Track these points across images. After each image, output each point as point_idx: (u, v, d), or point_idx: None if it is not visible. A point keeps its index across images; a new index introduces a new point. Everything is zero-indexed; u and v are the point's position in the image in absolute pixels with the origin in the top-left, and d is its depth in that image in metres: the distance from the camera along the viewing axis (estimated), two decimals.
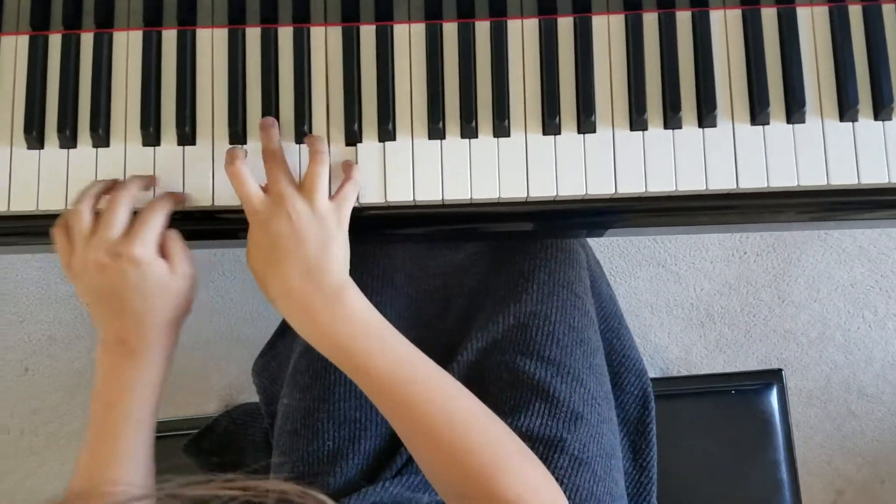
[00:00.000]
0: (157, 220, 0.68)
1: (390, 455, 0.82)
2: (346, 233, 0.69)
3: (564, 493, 0.74)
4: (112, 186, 0.71)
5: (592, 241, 1.37)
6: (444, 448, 0.63)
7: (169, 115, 0.74)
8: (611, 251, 1.50)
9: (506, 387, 0.81)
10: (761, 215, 0.74)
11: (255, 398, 1.01)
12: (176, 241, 0.70)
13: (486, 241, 0.92)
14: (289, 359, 0.92)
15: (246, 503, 0.41)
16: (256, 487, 0.42)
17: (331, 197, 0.69)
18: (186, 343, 1.53)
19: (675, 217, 0.75)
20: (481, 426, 0.64)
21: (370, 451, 0.81)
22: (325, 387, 0.83)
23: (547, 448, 0.77)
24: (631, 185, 0.71)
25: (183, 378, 1.54)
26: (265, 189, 0.69)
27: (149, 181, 0.72)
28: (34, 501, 1.55)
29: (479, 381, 0.84)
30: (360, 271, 0.88)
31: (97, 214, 0.69)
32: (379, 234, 0.79)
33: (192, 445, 0.95)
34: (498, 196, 0.72)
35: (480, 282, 0.91)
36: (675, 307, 1.51)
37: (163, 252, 0.69)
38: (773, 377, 0.98)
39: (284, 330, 1.04)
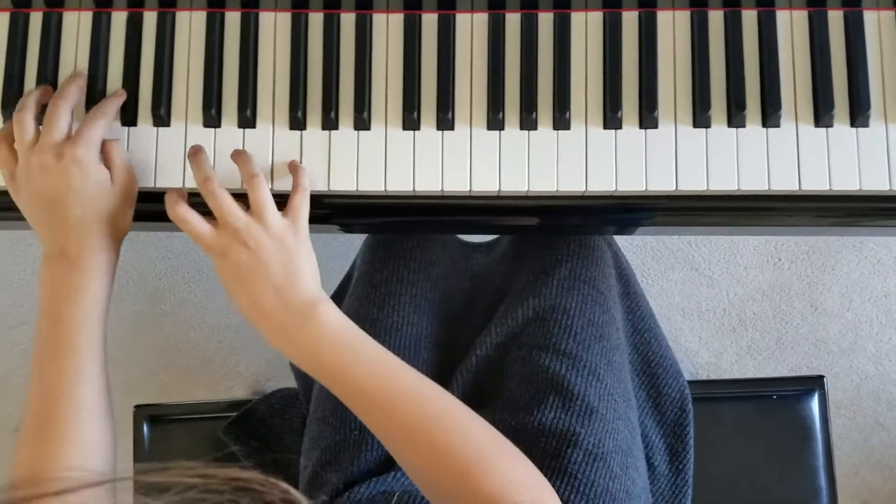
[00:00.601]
0: (99, 123, 0.68)
1: None
2: (309, 245, 0.68)
3: (577, 487, 0.74)
4: (47, 93, 0.71)
5: (624, 243, 1.37)
6: (422, 448, 0.63)
7: (231, 97, 0.74)
8: (643, 253, 1.50)
9: (522, 381, 0.81)
10: (800, 218, 0.74)
11: (281, 385, 1.02)
12: (118, 151, 0.70)
13: (517, 244, 0.92)
14: None
15: (207, 491, 0.41)
16: (216, 475, 0.41)
17: (283, 213, 0.68)
18: (217, 328, 1.54)
19: (729, 217, 0.74)
20: (458, 426, 0.64)
21: None
22: None
23: (560, 442, 0.76)
24: (692, 183, 0.70)
25: (211, 363, 1.54)
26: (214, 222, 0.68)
27: (82, 81, 0.72)
28: None
29: (496, 375, 0.84)
30: (399, 263, 0.88)
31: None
32: (439, 224, 0.78)
33: (231, 428, 0.95)
34: (556, 189, 0.71)
35: (505, 280, 0.91)
36: (706, 312, 1.50)
37: (105, 161, 0.69)
38: (815, 384, 0.98)
39: None
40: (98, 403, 0.67)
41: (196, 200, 0.68)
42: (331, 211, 0.75)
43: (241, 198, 0.68)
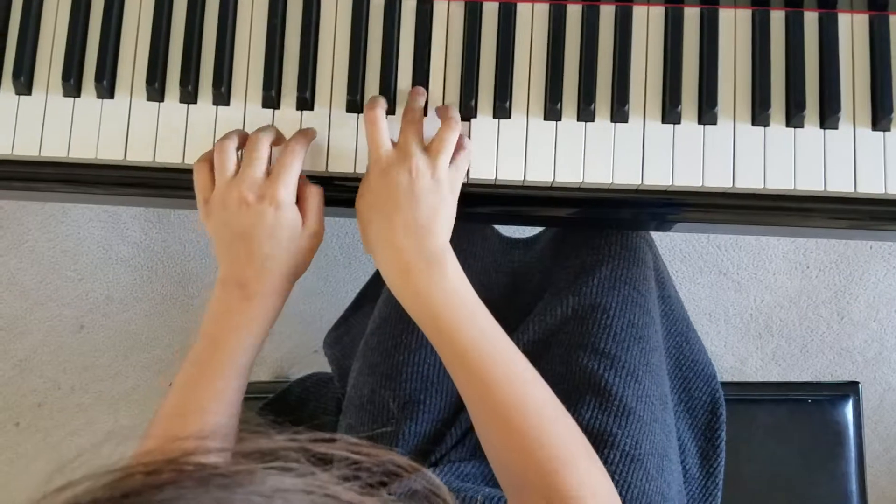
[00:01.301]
0: (297, 165, 0.69)
1: (437, 441, 0.82)
2: (457, 199, 0.69)
3: (615, 488, 0.74)
4: (246, 135, 0.72)
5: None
6: (512, 432, 0.63)
7: (290, 78, 0.74)
8: (672, 255, 1.50)
9: (559, 380, 0.81)
10: (852, 221, 0.74)
11: (304, 372, 1.02)
12: (316, 197, 0.71)
13: (557, 242, 0.93)
14: (361, 334, 0.93)
15: (360, 469, 0.41)
16: (376, 456, 0.42)
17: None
18: None
19: (776, 217, 0.74)
20: (553, 418, 0.64)
21: (429, 432, 0.82)
22: (393, 366, 0.84)
23: (597, 443, 0.76)
24: (749, 180, 0.71)
25: None
26: (394, 144, 0.69)
27: (279, 136, 0.72)
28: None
29: None
30: None
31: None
32: (489, 214, 0.79)
33: (268, 408, 0.96)
34: (611, 182, 0.72)
35: (544, 278, 0.91)
36: (733, 316, 1.50)
37: (299, 204, 0.69)
38: (850, 389, 0.98)
39: (358, 306, 1.05)
40: (227, 432, 0.68)
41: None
42: None
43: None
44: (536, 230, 1.04)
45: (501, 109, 0.73)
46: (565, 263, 0.88)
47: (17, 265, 1.57)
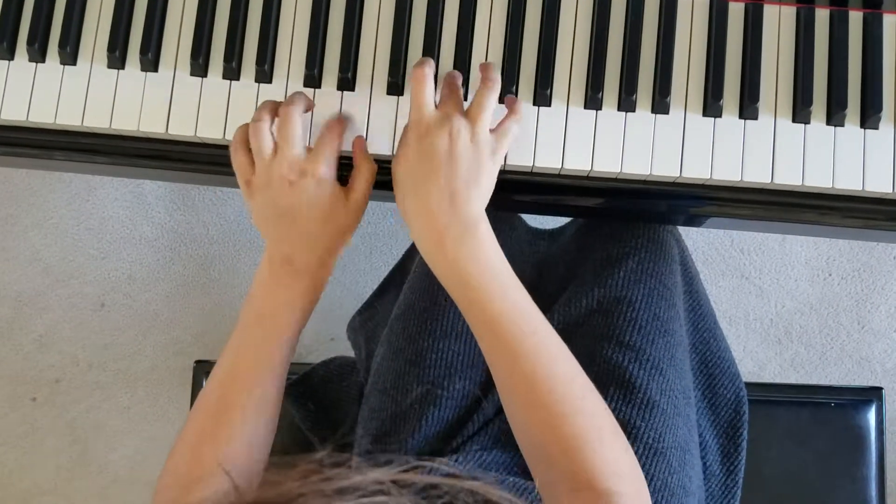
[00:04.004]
0: (336, 142, 0.70)
1: (462, 424, 0.82)
2: (498, 167, 0.68)
3: None
4: (277, 106, 0.72)
5: None
6: (537, 404, 0.63)
7: (332, 58, 0.75)
8: (694, 257, 1.49)
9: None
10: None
11: (321, 357, 1.03)
12: (366, 174, 0.71)
13: (583, 234, 0.92)
14: (386, 319, 0.93)
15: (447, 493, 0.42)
16: (467, 489, 0.42)
17: (491, 129, 0.69)
18: None
19: (819, 216, 0.74)
20: (581, 395, 0.64)
21: (452, 418, 0.82)
22: (418, 352, 0.84)
23: None
24: (787, 177, 0.71)
25: None
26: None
27: (308, 101, 0.73)
28: (97, 436, 1.58)
29: None
30: None
31: None
32: (522, 202, 0.79)
33: (290, 390, 0.96)
34: (649, 173, 0.72)
35: (569, 269, 0.91)
36: (753, 321, 1.50)
37: (349, 177, 0.70)
38: (873, 394, 0.97)
39: (384, 291, 1.05)
40: (274, 404, 0.71)
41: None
42: None
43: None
44: (562, 222, 1.04)
45: (542, 97, 0.73)
46: (591, 255, 0.88)
47: (41, 241, 1.59)
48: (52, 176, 1.58)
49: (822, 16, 0.73)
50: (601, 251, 0.87)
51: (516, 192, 0.77)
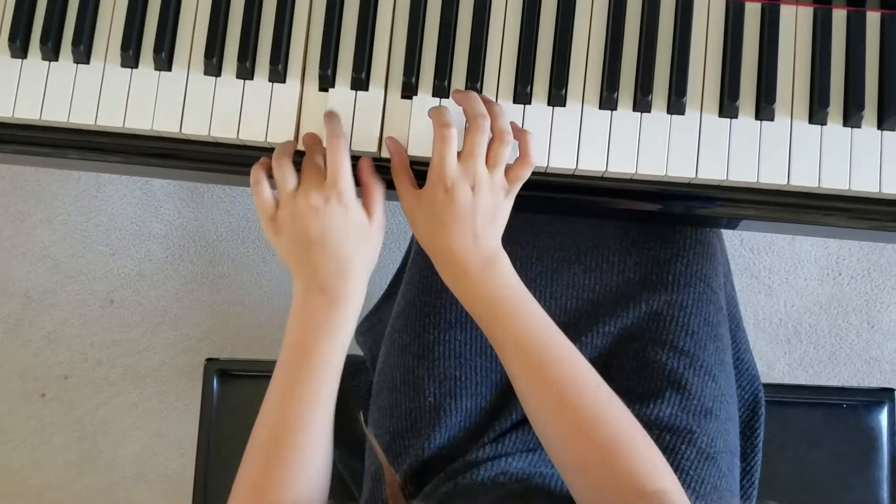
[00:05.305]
0: (346, 160, 0.71)
1: (494, 416, 0.82)
2: (511, 202, 0.72)
3: (689, 483, 0.74)
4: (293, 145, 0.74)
5: None
6: (570, 411, 0.64)
7: (346, 59, 0.74)
8: None
9: (632, 374, 0.81)
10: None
11: None
12: (380, 190, 0.73)
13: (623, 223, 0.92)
14: None
15: None
16: None
17: (506, 171, 0.71)
18: (271, 295, 1.55)
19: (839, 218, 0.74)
20: (608, 398, 0.66)
21: (473, 410, 0.82)
22: (425, 345, 0.84)
23: (675, 438, 0.77)
24: (804, 179, 0.70)
25: (263, 329, 1.56)
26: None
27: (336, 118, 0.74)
28: (106, 432, 1.58)
29: (601, 365, 0.84)
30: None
31: None
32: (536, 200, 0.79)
33: None
34: (664, 174, 0.72)
35: (611, 263, 0.90)
36: (762, 320, 1.50)
37: (363, 199, 0.72)
38: (885, 395, 0.97)
39: (391, 294, 1.05)
40: (328, 436, 0.72)
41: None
42: None
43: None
44: None
45: (557, 97, 0.73)
46: (637, 254, 0.86)
47: (50, 238, 1.59)
48: (60, 173, 1.58)
49: (839, 16, 0.72)
50: (648, 251, 0.86)
51: (529, 189, 0.76)
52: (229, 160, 0.76)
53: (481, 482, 0.75)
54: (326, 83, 0.74)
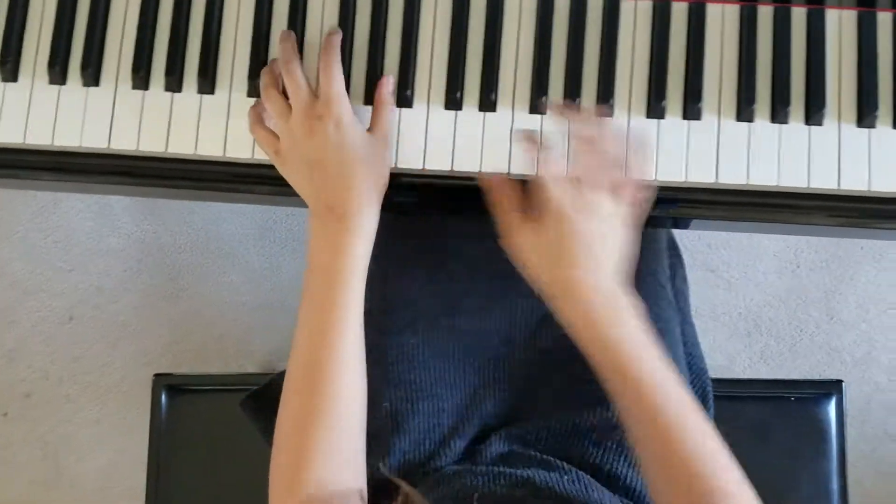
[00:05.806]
0: (336, 71, 0.72)
1: (460, 420, 0.82)
2: (634, 230, 0.70)
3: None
4: (276, 65, 0.74)
5: None
6: (673, 451, 0.64)
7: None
8: None
9: (585, 376, 0.81)
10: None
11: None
12: (385, 107, 0.73)
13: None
14: None
15: None
16: None
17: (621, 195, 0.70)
18: (233, 306, 1.54)
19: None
20: (704, 438, 0.66)
21: (431, 412, 0.81)
22: (380, 351, 0.83)
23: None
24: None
25: (225, 340, 1.55)
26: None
27: (293, 38, 0.74)
28: (69, 449, 1.57)
29: (553, 372, 0.84)
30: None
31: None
32: None
33: (249, 402, 0.94)
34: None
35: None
36: (722, 315, 1.51)
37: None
38: (833, 388, 0.98)
39: None
40: (358, 355, 0.70)
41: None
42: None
43: None
44: None
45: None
46: None
47: (7, 255, 1.57)
48: (16, 190, 1.57)
49: (764, 12, 0.73)
50: None
51: None
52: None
53: (452, 489, 0.74)
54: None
